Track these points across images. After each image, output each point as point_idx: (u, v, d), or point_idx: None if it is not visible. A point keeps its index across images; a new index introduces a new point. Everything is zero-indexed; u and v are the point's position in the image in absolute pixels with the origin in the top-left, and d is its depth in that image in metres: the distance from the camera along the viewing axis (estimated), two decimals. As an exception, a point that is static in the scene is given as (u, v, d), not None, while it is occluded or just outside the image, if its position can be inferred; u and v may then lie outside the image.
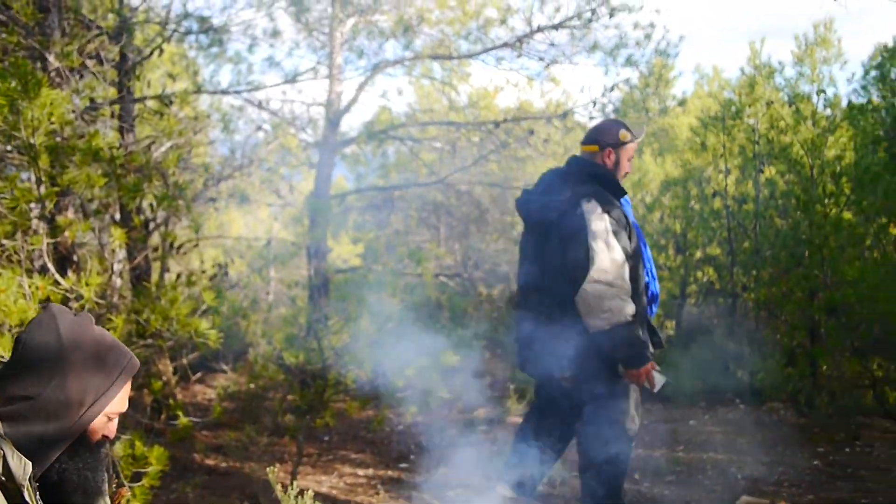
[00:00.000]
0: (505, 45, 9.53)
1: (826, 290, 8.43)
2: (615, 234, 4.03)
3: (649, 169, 15.47)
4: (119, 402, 2.06)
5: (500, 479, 4.45)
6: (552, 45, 9.49)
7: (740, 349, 11.21)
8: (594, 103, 9.68)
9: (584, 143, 4.45)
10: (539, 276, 4.26)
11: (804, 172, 9.92)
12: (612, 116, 11.41)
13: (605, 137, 4.34)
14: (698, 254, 13.18)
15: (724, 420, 8.35)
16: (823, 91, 10.67)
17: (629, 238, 4.15)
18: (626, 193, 4.41)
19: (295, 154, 9.74)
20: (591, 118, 10.13)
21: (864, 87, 15.79)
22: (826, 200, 9.42)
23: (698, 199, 12.95)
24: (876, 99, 14.27)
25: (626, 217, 4.23)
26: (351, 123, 23.21)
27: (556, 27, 9.28)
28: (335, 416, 6.56)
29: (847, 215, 9.59)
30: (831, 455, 6.36)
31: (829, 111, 10.84)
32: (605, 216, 4.04)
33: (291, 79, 9.02)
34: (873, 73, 15.47)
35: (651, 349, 4.24)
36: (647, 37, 9.66)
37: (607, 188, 4.22)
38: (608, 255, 3.96)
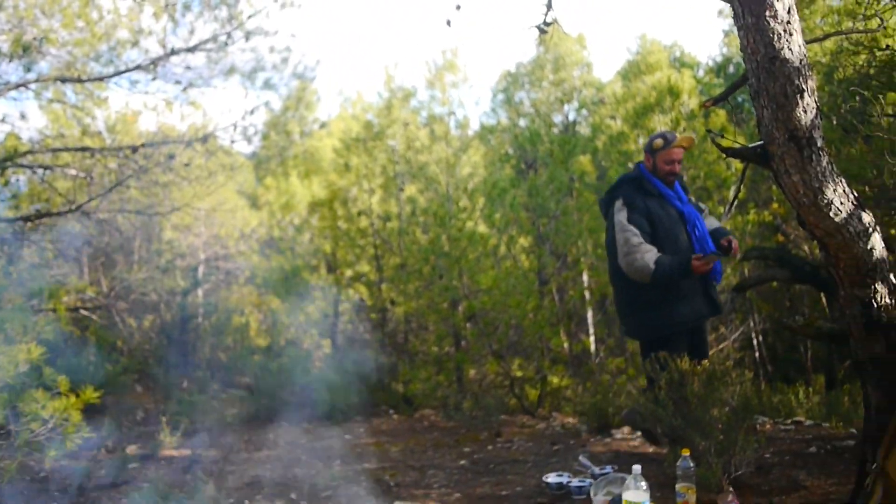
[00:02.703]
0: (138, 67, 9.21)
1: (466, 300, 8.93)
2: (630, 220, 5.33)
3: (296, 191, 15.64)
4: None
5: None
6: (188, 68, 9.34)
7: (392, 362, 11.63)
8: (235, 126, 9.61)
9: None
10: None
11: (440, 189, 10.49)
12: (258, 138, 11.41)
13: (646, 146, 5.69)
14: (349, 272, 13.52)
15: (379, 430, 8.59)
16: (454, 113, 11.37)
17: (652, 219, 5.38)
18: (667, 187, 5.58)
19: None
20: (233, 141, 10.06)
21: (493, 110, 17.08)
22: (461, 215, 10.01)
23: (345, 218, 13.29)
24: (504, 120, 15.47)
25: (647, 205, 5.43)
26: (-28, 152, 21.31)
27: (191, 50, 9.14)
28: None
29: (481, 228, 10.29)
30: (476, 453, 6.74)
31: (460, 132, 11.58)
32: (625, 209, 5.38)
33: None
34: (500, 96, 16.77)
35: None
36: (285, 61, 9.79)
37: (635, 187, 5.53)
38: (623, 237, 5.30)
